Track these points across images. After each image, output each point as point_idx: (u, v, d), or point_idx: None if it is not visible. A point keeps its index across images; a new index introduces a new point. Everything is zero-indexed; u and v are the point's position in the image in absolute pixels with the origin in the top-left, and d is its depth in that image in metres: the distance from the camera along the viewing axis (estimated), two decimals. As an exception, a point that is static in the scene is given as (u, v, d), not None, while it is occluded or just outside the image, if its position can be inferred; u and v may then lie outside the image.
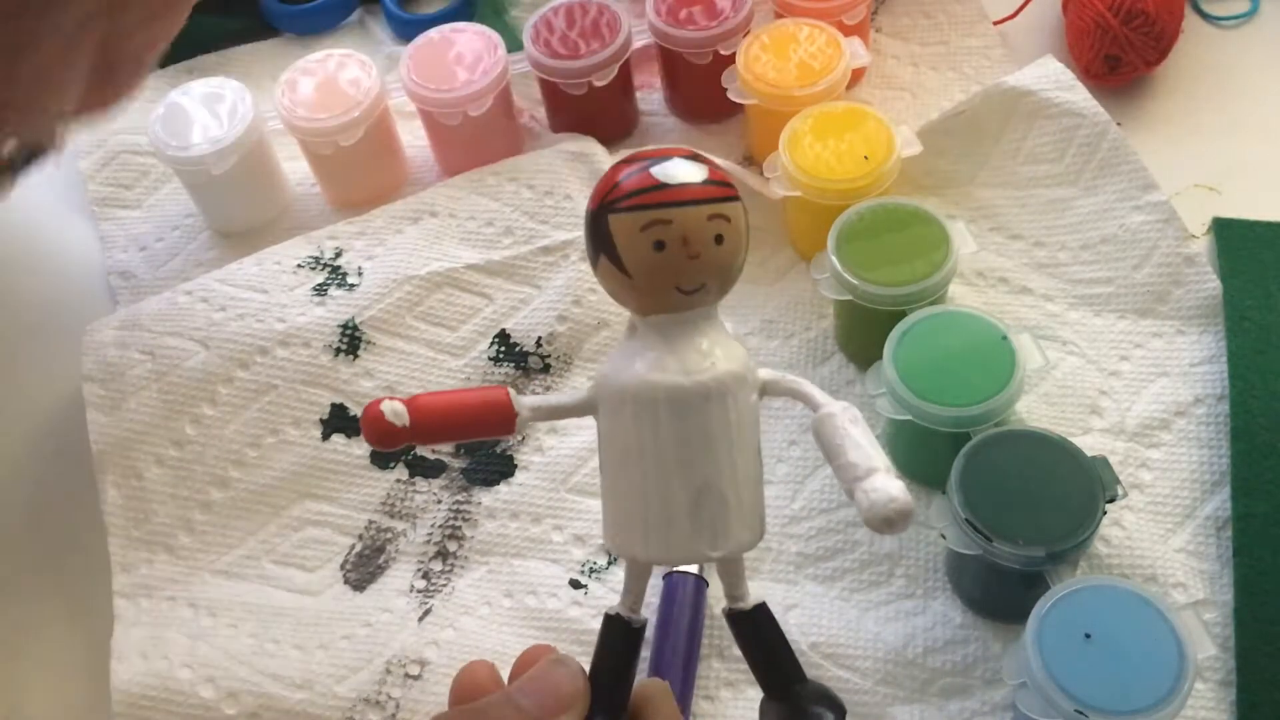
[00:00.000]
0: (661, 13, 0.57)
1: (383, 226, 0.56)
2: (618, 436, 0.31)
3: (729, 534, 0.31)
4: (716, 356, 0.30)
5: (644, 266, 0.29)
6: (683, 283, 0.29)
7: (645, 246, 0.28)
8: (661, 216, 0.28)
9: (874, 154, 0.50)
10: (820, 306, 0.53)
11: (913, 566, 0.46)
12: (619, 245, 0.29)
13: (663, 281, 0.29)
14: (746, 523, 0.31)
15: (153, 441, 0.50)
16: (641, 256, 0.28)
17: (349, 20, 0.69)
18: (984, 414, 0.42)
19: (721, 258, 0.29)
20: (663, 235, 0.28)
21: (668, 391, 0.29)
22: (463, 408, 0.31)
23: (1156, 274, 0.50)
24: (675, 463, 0.30)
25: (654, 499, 0.30)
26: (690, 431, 0.30)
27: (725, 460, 0.30)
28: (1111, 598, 0.37)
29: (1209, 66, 0.60)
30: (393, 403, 0.30)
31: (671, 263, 0.29)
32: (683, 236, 0.28)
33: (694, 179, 0.29)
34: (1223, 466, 0.46)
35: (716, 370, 0.30)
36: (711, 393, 0.30)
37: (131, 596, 0.47)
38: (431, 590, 0.47)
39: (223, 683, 0.45)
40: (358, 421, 0.51)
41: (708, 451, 0.30)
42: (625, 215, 0.28)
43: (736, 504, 0.31)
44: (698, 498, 0.30)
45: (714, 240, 0.29)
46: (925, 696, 0.43)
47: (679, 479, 0.30)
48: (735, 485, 0.31)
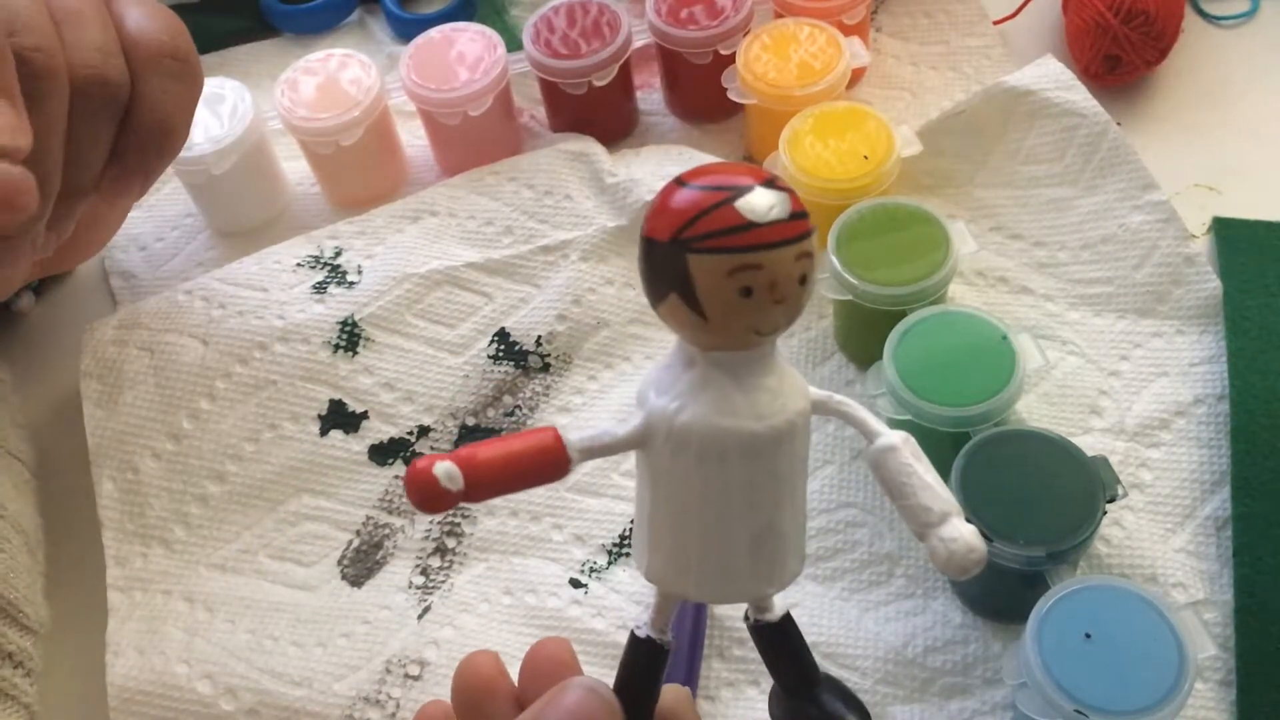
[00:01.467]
0: (661, 12, 0.57)
1: (383, 226, 0.56)
2: (675, 476, 0.29)
3: (785, 569, 0.30)
4: (785, 395, 0.28)
5: (725, 311, 0.26)
6: (762, 326, 0.27)
7: (730, 292, 0.26)
8: (752, 262, 0.26)
9: (874, 154, 0.50)
10: (820, 306, 0.53)
11: (913, 566, 0.46)
12: (699, 288, 0.26)
13: (742, 326, 0.27)
14: (799, 553, 0.31)
15: (149, 435, 0.50)
16: (725, 301, 0.26)
17: (349, 20, 0.69)
18: (984, 414, 0.42)
19: (803, 298, 0.27)
20: (751, 281, 0.26)
21: (740, 438, 0.28)
22: (515, 458, 0.29)
23: (1156, 274, 0.50)
24: (741, 506, 0.29)
25: (714, 542, 0.29)
26: (759, 475, 0.28)
27: (789, 498, 0.29)
28: (1111, 598, 0.37)
29: (1209, 66, 0.60)
30: (446, 464, 0.27)
31: (756, 308, 0.26)
32: (771, 282, 0.26)
33: (782, 215, 0.26)
34: (1223, 466, 0.46)
35: (788, 412, 0.28)
36: (783, 436, 0.28)
37: (126, 590, 0.47)
38: (430, 587, 0.47)
39: (220, 679, 0.44)
40: (356, 417, 0.51)
41: (775, 493, 0.29)
42: (710, 257, 0.26)
43: (793, 538, 0.30)
44: (759, 538, 0.29)
45: (799, 281, 0.27)
46: (925, 696, 0.43)
47: (742, 522, 0.29)
48: (795, 520, 0.30)
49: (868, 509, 0.47)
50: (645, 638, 0.32)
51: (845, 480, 0.48)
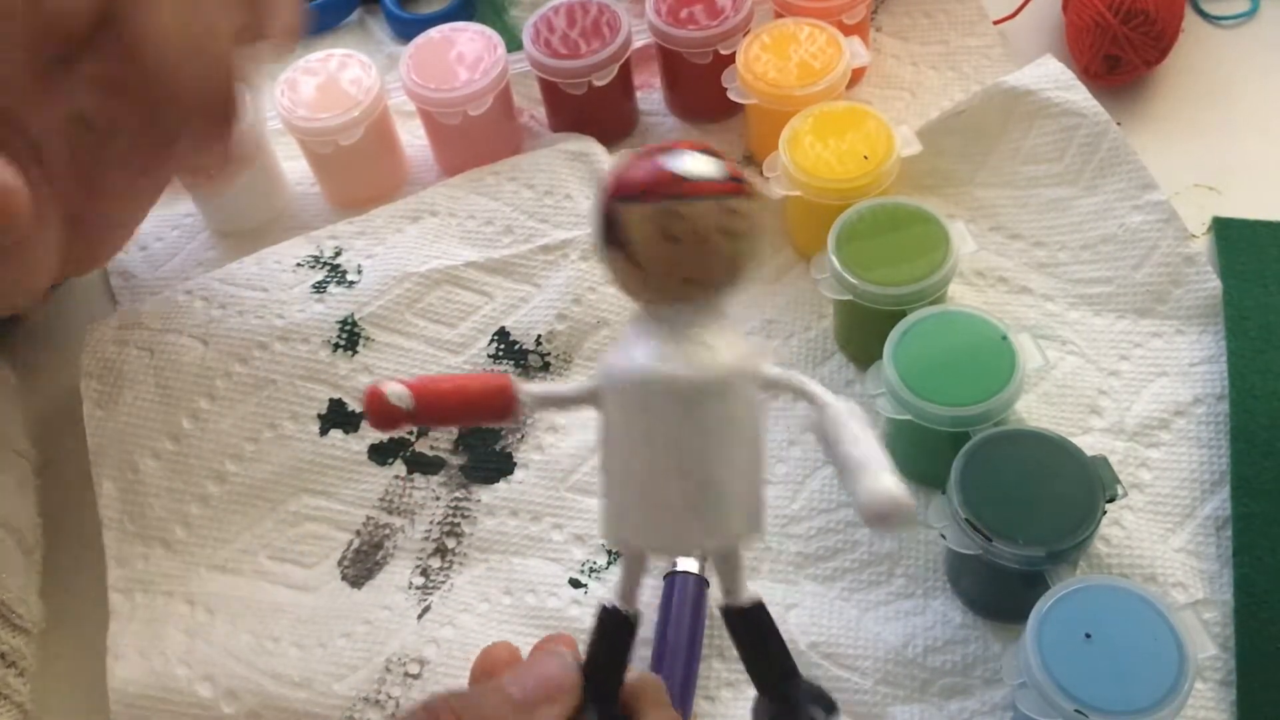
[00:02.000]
0: (661, 12, 0.57)
1: (383, 225, 0.56)
2: (617, 426, 0.31)
3: (723, 524, 0.31)
4: (720, 349, 0.30)
5: (656, 259, 0.28)
6: (693, 274, 0.29)
7: (658, 239, 0.28)
8: (676, 209, 0.28)
9: (874, 154, 0.50)
10: (820, 306, 0.53)
11: (912, 566, 0.46)
12: (631, 237, 0.28)
13: (673, 273, 0.29)
14: (742, 515, 0.31)
15: (149, 435, 0.50)
16: (654, 249, 0.28)
17: (349, 20, 0.69)
18: (984, 414, 0.42)
19: (734, 252, 0.29)
20: (677, 229, 0.28)
21: (668, 382, 0.29)
22: (465, 393, 0.31)
23: (1156, 274, 0.50)
24: (673, 453, 0.30)
25: (650, 487, 0.30)
26: (690, 423, 0.30)
27: (722, 452, 0.30)
28: (1111, 597, 0.37)
29: (1209, 66, 0.60)
30: (396, 385, 0.30)
31: (684, 255, 0.28)
32: (694, 229, 0.28)
33: (709, 173, 0.29)
34: (1222, 466, 0.46)
35: (719, 363, 0.30)
36: (712, 386, 0.30)
37: (127, 591, 0.47)
38: (430, 587, 0.47)
39: (221, 681, 0.44)
40: (356, 417, 0.51)
41: (706, 443, 0.30)
42: (638, 206, 0.28)
43: (732, 495, 0.30)
44: (694, 488, 0.30)
45: (726, 234, 0.29)
46: (925, 696, 0.43)
47: (676, 469, 0.30)
48: (732, 476, 0.30)
49: (868, 509, 0.47)
50: (612, 608, 0.32)
51: (845, 480, 0.48)
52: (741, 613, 0.32)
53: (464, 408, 0.31)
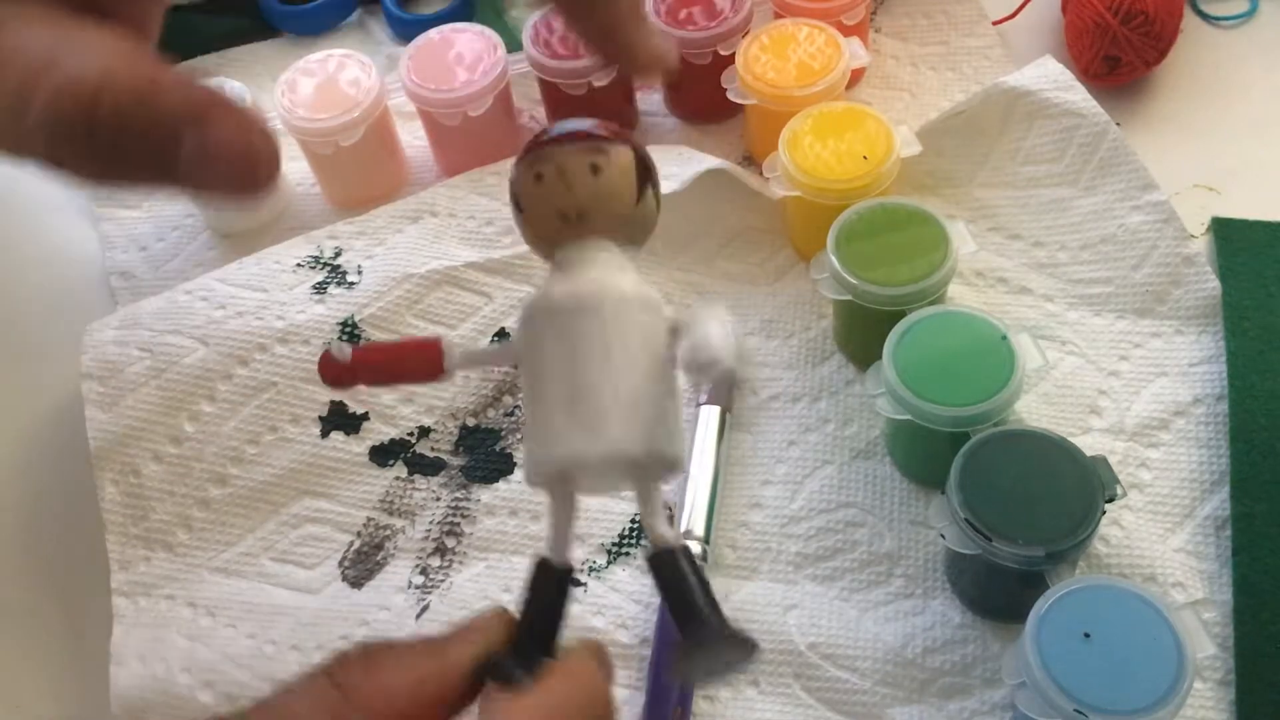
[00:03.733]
0: (661, 13, 0.57)
1: (383, 226, 0.56)
2: (524, 369, 0.32)
3: (605, 431, 0.31)
4: (599, 276, 0.32)
5: (530, 197, 0.32)
6: (562, 207, 0.31)
7: (530, 180, 0.32)
8: (542, 154, 0.31)
9: (873, 154, 0.50)
10: (820, 306, 0.53)
11: (912, 566, 0.46)
12: (514, 187, 0.32)
13: (545, 209, 0.32)
14: (630, 428, 0.31)
15: (151, 438, 0.50)
16: (527, 189, 0.32)
17: (349, 20, 0.69)
18: (983, 414, 0.42)
19: (599, 187, 0.31)
20: (541, 168, 0.31)
21: (545, 303, 0.31)
22: (398, 349, 0.34)
23: (1156, 274, 0.50)
24: (553, 368, 0.31)
25: (540, 410, 0.31)
26: (565, 338, 0.31)
27: (601, 362, 0.31)
28: (1111, 597, 0.37)
29: (1209, 66, 0.60)
30: (339, 342, 0.35)
31: (550, 190, 0.31)
32: (558, 167, 0.31)
33: (577, 127, 0.32)
34: (1222, 466, 0.46)
35: (592, 285, 0.31)
36: (584, 302, 0.31)
37: (130, 595, 0.47)
38: (430, 586, 0.47)
39: (221, 687, 0.45)
40: (357, 419, 0.51)
41: (583, 354, 0.31)
42: (520, 163, 0.32)
43: (614, 401, 0.31)
44: (572, 395, 0.31)
45: (589, 170, 0.31)
46: (924, 696, 0.43)
47: (556, 381, 0.31)
48: (613, 384, 0.31)
49: (867, 509, 0.47)
50: (542, 561, 0.33)
51: (845, 480, 0.48)
52: (659, 558, 0.32)
53: (394, 362, 0.34)
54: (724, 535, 0.47)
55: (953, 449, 0.41)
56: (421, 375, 0.34)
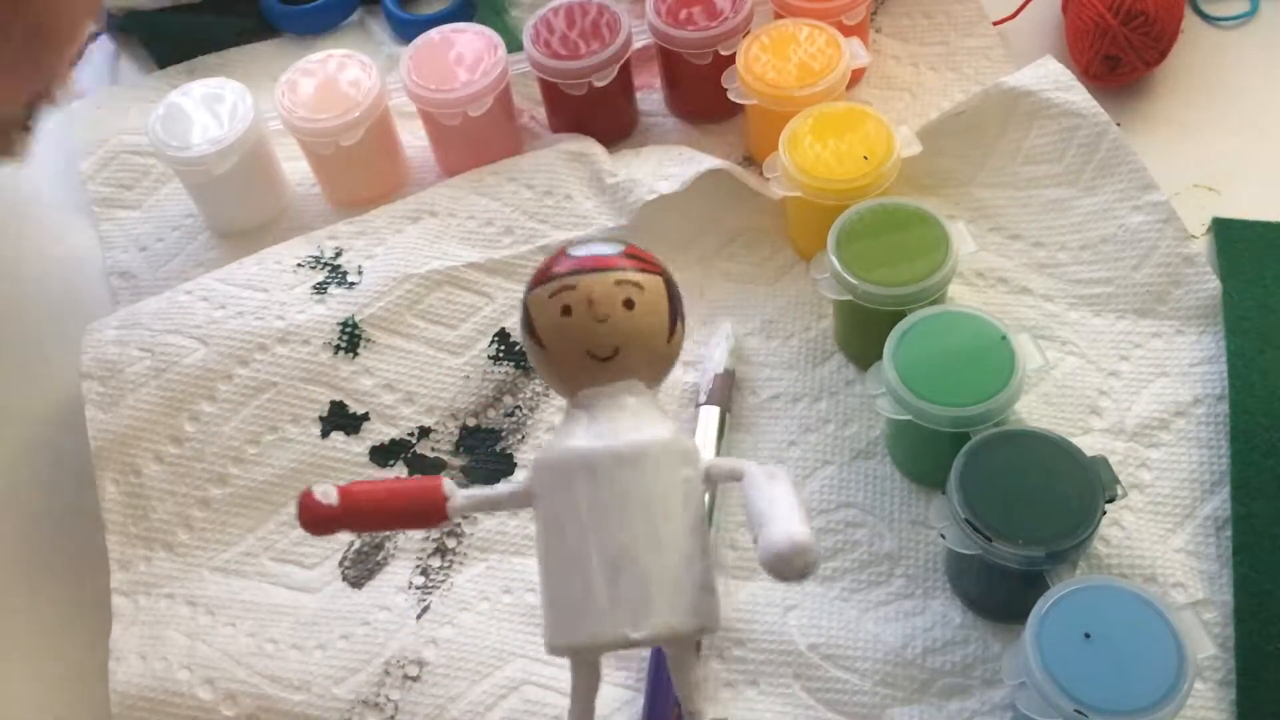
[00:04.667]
0: (661, 13, 0.57)
1: (383, 226, 0.56)
2: (545, 515, 0.30)
3: (651, 612, 0.29)
4: (640, 426, 0.29)
5: (555, 334, 0.29)
6: (593, 348, 0.29)
7: (554, 312, 0.29)
8: (567, 283, 0.29)
9: (874, 154, 0.50)
10: (820, 306, 0.53)
11: (912, 567, 0.46)
12: (534, 318, 0.29)
13: (573, 346, 0.29)
14: (675, 603, 0.29)
15: (151, 438, 0.50)
16: (551, 322, 0.29)
17: (349, 20, 0.69)
18: (984, 414, 0.42)
19: (634, 322, 0.29)
20: (569, 299, 0.29)
21: (583, 457, 0.29)
22: (394, 496, 0.31)
23: (1156, 274, 0.50)
24: (592, 531, 0.29)
25: (575, 574, 0.29)
26: (606, 497, 0.29)
27: (644, 528, 0.29)
28: (1111, 598, 0.37)
29: (1209, 66, 0.60)
30: (325, 486, 0.31)
31: (579, 326, 0.29)
32: (588, 299, 0.28)
33: (604, 252, 0.29)
34: (1222, 466, 0.46)
35: (631, 438, 0.29)
36: (625, 457, 0.29)
37: (130, 594, 0.47)
38: (430, 586, 0.47)
39: (221, 684, 0.45)
40: (357, 419, 0.51)
41: (624, 517, 0.29)
42: (538, 289, 0.29)
43: (660, 578, 0.29)
44: (615, 567, 0.28)
45: (623, 304, 0.29)
46: (925, 697, 0.43)
47: (596, 548, 0.29)
48: (659, 557, 0.29)
49: (867, 509, 0.47)
50: None
51: (845, 480, 0.48)
52: None
53: (391, 512, 0.31)
54: (724, 535, 0.47)
55: (953, 449, 0.42)
56: (418, 524, 0.32)
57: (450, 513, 0.30)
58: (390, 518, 0.31)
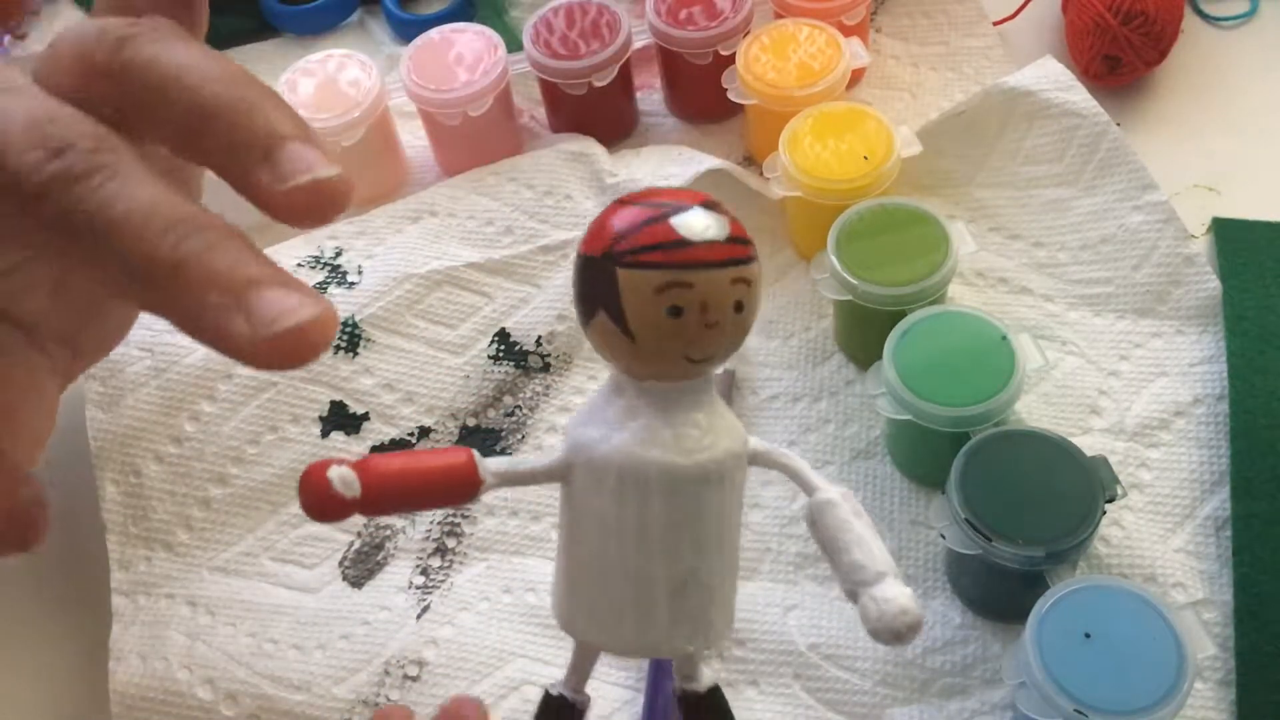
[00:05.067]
0: (661, 13, 0.57)
1: (383, 226, 0.56)
2: (595, 511, 0.27)
3: (709, 627, 0.28)
4: (717, 433, 0.27)
5: (654, 332, 0.25)
6: (693, 352, 0.26)
7: (658, 310, 0.25)
8: (682, 279, 0.25)
9: (874, 154, 0.50)
10: (820, 306, 0.53)
11: (912, 566, 0.46)
12: (626, 305, 0.25)
13: (672, 350, 0.25)
14: (725, 614, 0.29)
15: (151, 438, 0.50)
16: (653, 320, 0.25)
17: (349, 20, 0.69)
18: (984, 414, 0.42)
19: (739, 326, 0.26)
20: (680, 300, 0.25)
21: (662, 470, 0.26)
22: (422, 473, 0.27)
23: (1156, 274, 0.50)
24: (661, 547, 0.27)
25: (634, 586, 0.27)
26: (682, 515, 0.27)
27: (714, 548, 0.28)
28: (1111, 598, 0.37)
29: (1209, 67, 0.60)
30: (342, 469, 0.25)
31: (686, 330, 0.25)
32: (702, 302, 0.25)
33: (718, 236, 0.25)
34: (1222, 466, 0.46)
35: (716, 451, 0.27)
36: (710, 475, 0.27)
37: (130, 594, 0.47)
38: (430, 586, 0.47)
39: (221, 684, 0.45)
40: (358, 419, 0.51)
41: (698, 538, 0.27)
42: (639, 272, 0.25)
43: (720, 595, 0.28)
44: (682, 587, 0.27)
45: (734, 308, 0.26)
46: (925, 697, 0.43)
47: (663, 566, 0.27)
48: (721, 575, 0.28)
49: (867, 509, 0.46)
50: (558, 695, 0.30)
51: (845, 480, 0.48)
52: (700, 699, 0.30)
53: (420, 490, 0.27)
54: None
55: (953, 449, 0.41)
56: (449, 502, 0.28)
57: (484, 491, 0.27)
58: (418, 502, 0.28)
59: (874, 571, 0.27)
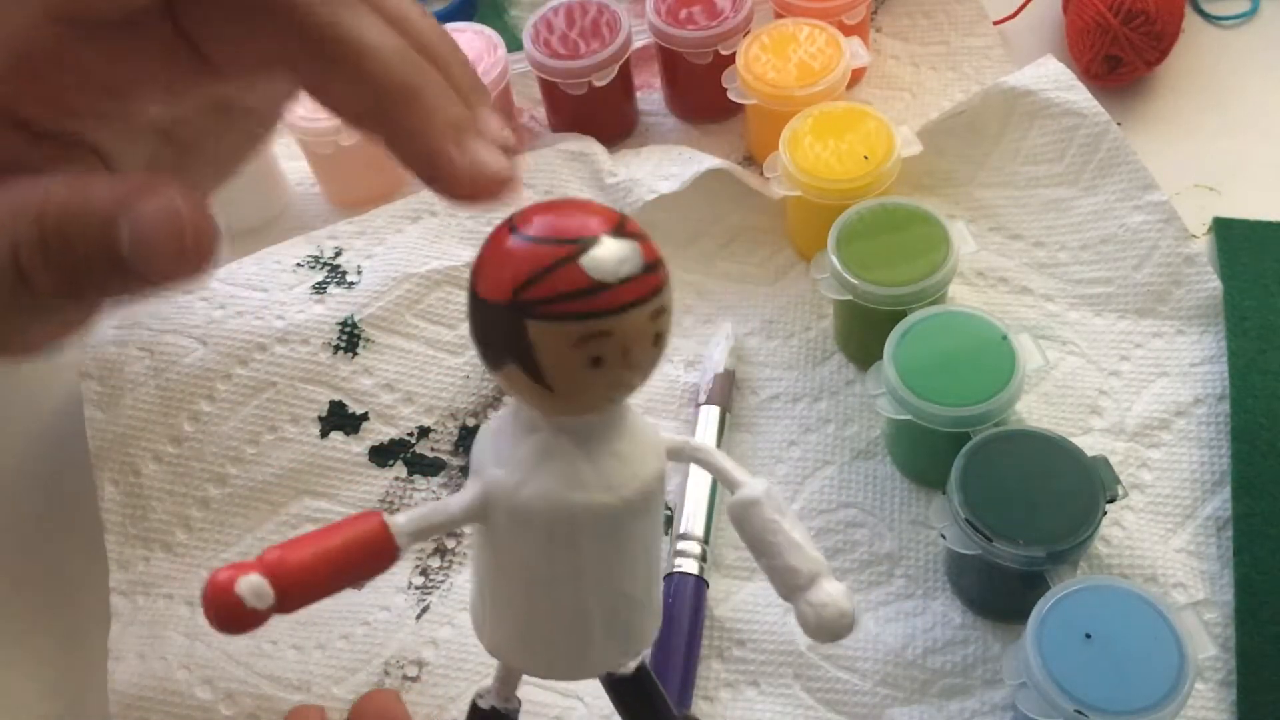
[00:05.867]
0: (661, 13, 0.57)
1: (383, 225, 0.56)
2: (520, 551, 0.26)
3: (642, 635, 0.28)
4: (638, 460, 0.26)
5: (574, 383, 0.23)
6: (615, 393, 0.24)
7: (578, 363, 0.23)
8: (601, 328, 0.22)
9: (874, 154, 0.50)
10: (820, 306, 0.53)
11: (912, 567, 0.46)
12: (542, 359, 0.23)
13: (595, 395, 0.24)
14: (654, 613, 0.29)
15: (150, 438, 0.50)
16: (573, 373, 0.23)
17: (349, 20, 0.69)
18: (984, 414, 0.42)
19: (657, 356, 0.24)
20: (601, 350, 0.23)
21: (588, 511, 0.25)
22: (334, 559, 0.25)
23: (1157, 274, 0.50)
24: (593, 583, 0.26)
25: (566, 620, 0.27)
26: (612, 548, 0.26)
27: (642, 565, 0.27)
28: (1112, 598, 0.37)
29: (1209, 66, 0.60)
30: (252, 579, 0.23)
31: (608, 376, 0.23)
32: (624, 348, 0.23)
33: (634, 270, 0.23)
34: (1223, 466, 0.46)
35: (641, 479, 0.26)
36: (636, 505, 0.26)
37: (129, 594, 0.47)
38: (430, 586, 0.47)
39: (220, 684, 0.44)
40: (357, 419, 0.51)
41: (628, 564, 0.27)
42: (553, 325, 0.22)
43: (647, 603, 0.28)
44: (614, 612, 0.27)
45: (653, 341, 0.24)
46: (925, 697, 0.43)
47: (595, 598, 0.27)
48: (649, 584, 0.28)
49: (867, 509, 0.47)
50: (488, 708, 0.29)
51: (845, 480, 0.48)
52: (626, 680, 0.30)
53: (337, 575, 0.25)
54: (724, 535, 0.47)
55: (953, 449, 0.41)
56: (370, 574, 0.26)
57: (402, 547, 0.25)
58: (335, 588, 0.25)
59: (807, 574, 0.26)
